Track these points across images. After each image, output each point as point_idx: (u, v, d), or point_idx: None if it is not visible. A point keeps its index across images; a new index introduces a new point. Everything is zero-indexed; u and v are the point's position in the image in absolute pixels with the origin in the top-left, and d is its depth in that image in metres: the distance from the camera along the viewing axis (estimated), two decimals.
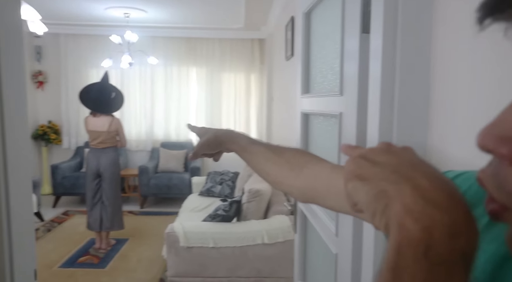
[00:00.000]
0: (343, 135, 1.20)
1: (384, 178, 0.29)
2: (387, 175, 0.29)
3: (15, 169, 0.93)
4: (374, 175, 0.30)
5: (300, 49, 1.79)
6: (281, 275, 2.74)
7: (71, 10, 4.82)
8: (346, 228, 1.16)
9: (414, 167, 0.29)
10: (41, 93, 5.90)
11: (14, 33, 0.99)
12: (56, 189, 5.09)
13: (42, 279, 3.09)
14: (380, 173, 0.30)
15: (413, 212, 0.25)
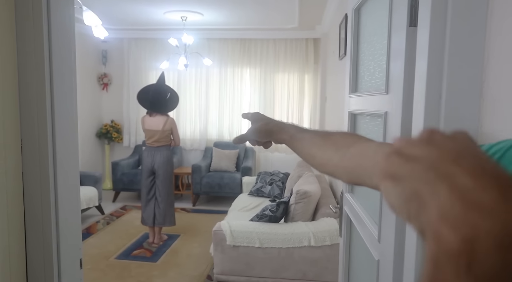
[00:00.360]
0: (388, 136, 1.14)
1: (418, 176, 0.25)
2: (421, 173, 0.25)
3: (63, 164, 0.99)
4: (407, 173, 0.26)
5: (350, 46, 1.74)
6: (327, 279, 2.67)
7: (134, 15, 5.08)
8: (388, 233, 1.10)
9: (458, 160, 0.24)
10: (105, 94, 6.29)
11: (66, 35, 1.05)
12: (116, 185, 5.39)
13: (100, 268, 3.28)
14: (414, 170, 0.26)
15: (451, 218, 0.21)
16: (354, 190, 1.70)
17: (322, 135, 0.71)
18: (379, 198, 1.19)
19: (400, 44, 1.04)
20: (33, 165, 0.93)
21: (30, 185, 0.94)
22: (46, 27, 0.93)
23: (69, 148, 1.03)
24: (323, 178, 4.11)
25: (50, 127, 0.96)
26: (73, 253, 1.04)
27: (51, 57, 0.96)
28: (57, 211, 0.96)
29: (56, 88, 0.98)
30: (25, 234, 0.94)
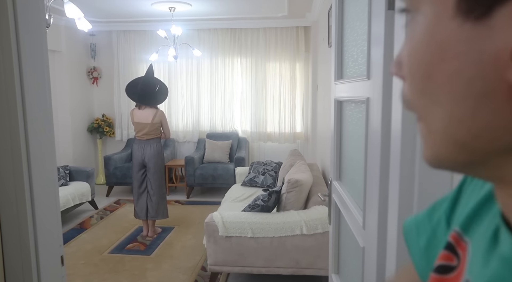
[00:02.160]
0: (370, 122, 1.13)
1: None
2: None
3: (38, 160, 0.96)
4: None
5: (334, 32, 1.71)
6: (319, 266, 2.68)
7: (121, 7, 5.01)
8: (372, 220, 1.09)
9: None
10: (96, 89, 6.22)
11: (36, 25, 1.02)
12: (109, 179, 5.37)
13: (93, 263, 3.28)
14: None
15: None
16: (342, 178, 1.69)
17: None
18: (363, 184, 1.18)
19: (379, 28, 1.02)
20: (6, 163, 0.91)
21: (3, 184, 0.92)
22: (12, 18, 0.90)
23: (44, 144, 1.01)
24: (315, 166, 4.11)
25: (22, 123, 0.93)
26: (52, 251, 1.03)
27: (19, 50, 0.93)
28: (34, 209, 0.95)
29: (26, 81, 0.95)
30: (0, 234, 0.93)
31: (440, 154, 0.27)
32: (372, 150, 1.10)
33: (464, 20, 0.23)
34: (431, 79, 0.26)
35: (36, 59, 0.99)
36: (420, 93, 0.27)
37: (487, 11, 0.22)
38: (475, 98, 0.24)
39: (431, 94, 0.26)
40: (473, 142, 0.25)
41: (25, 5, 0.95)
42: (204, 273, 3.11)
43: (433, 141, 0.28)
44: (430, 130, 0.28)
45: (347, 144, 1.57)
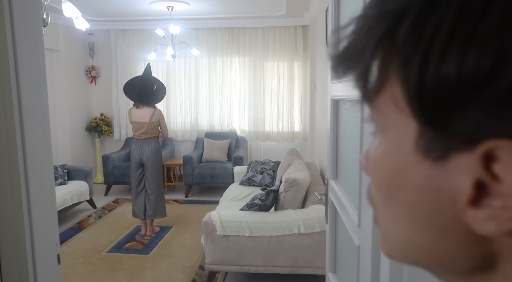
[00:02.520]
0: (365, 123, 1.13)
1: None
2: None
3: (34, 159, 0.97)
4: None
5: (330, 31, 1.72)
6: (317, 265, 2.69)
7: (119, 6, 5.01)
8: (367, 219, 1.10)
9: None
10: (94, 88, 6.22)
11: (32, 23, 1.02)
12: (107, 178, 5.37)
13: (91, 262, 3.28)
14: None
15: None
16: (338, 177, 1.70)
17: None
18: (359, 182, 1.18)
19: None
20: (2, 161, 0.92)
21: (0, 183, 0.92)
22: (8, 17, 0.91)
23: (41, 143, 1.01)
24: (313, 165, 4.12)
25: (19, 123, 0.94)
26: (49, 249, 1.03)
27: (15, 52, 0.94)
28: (30, 207, 0.95)
29: (22, 80, 0.96)
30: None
31: (397, 258, 0.27)
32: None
33: (423, 158, 0.22)
34: (393, 200, 0.25)
35: (32, 58, 1.00)
36: (382, 205, 0.27)
37: (443, 156, 0.21)
38: (435, 231, 0.23)
39: (392, 213, 0.26)
40: (433, 265, 0.25)
41: (21, 3, 0.96)
42: (202, 272, 3.11)
43: (390, 247, 0.27)
44: (388, 241, 0.27)
45: (343, 143, 1.58)
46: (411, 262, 0.27)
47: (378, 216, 0.29)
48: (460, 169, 0.21)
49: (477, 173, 0.20)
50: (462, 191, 0.21)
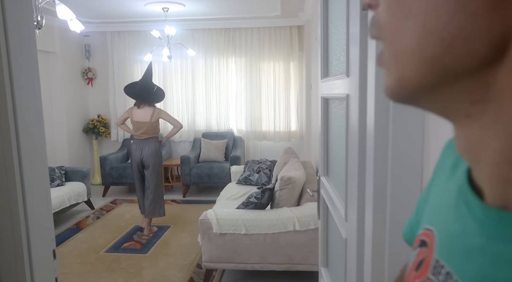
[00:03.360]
0: (350, 119, 1.17)
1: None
2: None
3: (28, 154, 1.00)
4: None
5: (319, 32, 1.76)
6: (312, 262, 2.72)
7: (114, 8, 5.03)
8: (352, 212, 1.13)
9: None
10: (91, 89, 6.25)
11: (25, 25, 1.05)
12: (105, 179, 5.40)
13: (89, 262, 3.31)
14: None
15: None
16: (329, 173, 1.73)
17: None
18: (345, 178, 1.22)
19: (355, 27, 1.06)
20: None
21: None
22: (1, 19, 0.94)
23: (35, 143, 1.04)
24: (309, 164, 4.16)
25: (13, 124, 0.97)
26: (45, 245, 1.06)
27: (9, 54, 0.97)
28: (25, 204, 0.98)
29: (16, 83, 0.99)
30: None
31: (405, 76, 0.27)
32: (351, 146, 1.14)
33: None
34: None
35: (25, 60, 1.03)
36: (394, 8, 0.26)
37: None
38: (452, 3, 0.23)
39: (405, 7, 0.25)
40: (444, 55, 0.24)
41: (14, 6, 0.99)
42: (199, 270, 3.15)
43: (400, 62, 0.27)
44: (398, 51, 0.27)
45: (333, 140, 1.61)
46: (424, 76, 0.26)
47: (386, 39, 0.28)
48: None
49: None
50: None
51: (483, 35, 0.22)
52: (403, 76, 0.26)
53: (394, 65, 0.27)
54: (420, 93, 0.27)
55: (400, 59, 0.26)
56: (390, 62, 0.27)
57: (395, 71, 0.27)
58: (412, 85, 0.26)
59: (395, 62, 0.27)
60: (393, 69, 0.27)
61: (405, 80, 0.26)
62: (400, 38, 0.26)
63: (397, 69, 0.27)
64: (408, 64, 0.26)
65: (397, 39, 0.26)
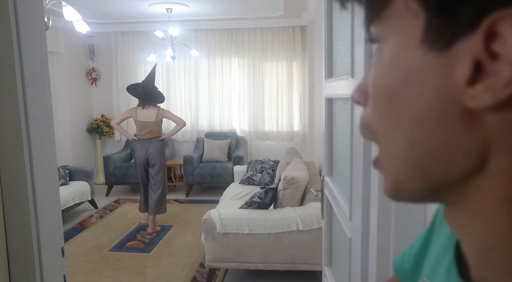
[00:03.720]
0: (354, 119, 1.18)
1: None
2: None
3: (39, 154, 1.02)
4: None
5: (323, 32, 1.77)
6: (315, 261, 2.73)
7: (118, 9, 5.06)
8: (357, 212, 1.14)
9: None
10: (95, 89, 6.28)
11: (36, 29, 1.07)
12: (109, 179, 5.42)
13: (93, 261, 3.33)
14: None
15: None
16: (333, 173, 1.75)
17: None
18: (350, 177, 1.23)
19: (360, 29, 1.07)
20: (9, 162, 0.97)
21: (7, 181, 0.97)
22: (14, 22, 0.96)
23: (45, 144, 1.06)
24: (312, 164, 4.16)
25: (24, 124, 0.99)
26: (54, 243, 1.08)
27: (21, 56, 0.98)
28: (35, 203, 1.00)
29: (28, 86, 1.01)
30: (5, 227, 0.98)
31: (399, 178, 0.29)
32: (356, 146, 1.15)
33: (428, 50, 0.25)
34: (395, 103, 0.28)
35: (36, 62, 1.05)
36: (384, 118, 0.29)
37: (448, 44, 0.24)
38: (434, 120, 0.26)
39: (394, 118, 0.28)
40: (429, 162, 0.27)
41: (26, 9, 1.01)
42: (202, 270, 3.16)
43: (392, 165, 0.29)
44: (390, 155, 0.29)
45: (337, 140, 1.62)
46: (414, 181, 0.28)
47: (379, 142, 0.31)
48: (461, 54, 0.23)
49: (477, 53, 0.23)
50: (462, 74, 0.23)
51: (462, 148, 0.25)
52: (397, 178, 0.29)
53: (388, 168, 0.30)
54: (413, 193, 0.29)
55: (393, 162, 0.29)
56: (385, 165, 0.30)
57: (389, 174, 0.30)
58: (406, 189, 0.29)
59: (389, 165, 0.30)
60: (388, 172, 0.30)
61: (399, 183, 0.29)
62: (391, 144, 0.29)
63: (391, 172, 0.29)
64: (400, 167, 0.28)
65: (389, 144, 0.29)
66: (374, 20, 0.30)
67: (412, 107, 0.27)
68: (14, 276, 0.98)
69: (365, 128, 0.32)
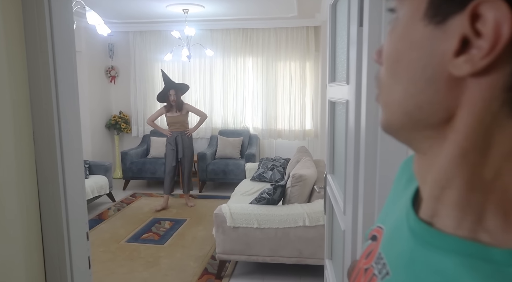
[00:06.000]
0: (349, 123, 1.29)
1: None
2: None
3: (69, 150, 1.17)
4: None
5: (328, 38, 1.88)
6: (321, 256, 2.85)
7: (137, 9, 5.24)
8: (349, 206, 1.26)
9: None
10: (113, 87, 6.49)
11: (67, 34, 1.22)
12: (126, 173, 5.63)
13: (111, 251, 3.52)
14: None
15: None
16: (335, 171, 1.86)
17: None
18: (344, 175, 1.35)
19: (353, 40, 1.19)
20: (44, 153, 1.12)
21: (43, 170, 1.12)
22: (49, 27, 1.10)
23: (73, 136, 1.21)
24: (322, 162, 4.27)
25: (57, 119, 1.14)
26: (80, 227, 1.23)
27: (54, 59, 1.13)
28: (65, 190, 1.15)
29: (60, 84, 1.15)
30: (40, 211, 1.14)
31: (392, 120, 0.36)
32: (349, 147, 1.27)
33: (428, 23, 0.30)
34: (399, 63, 0.34)
35: (67, 62, 1.19)
36: (389, 73, 0.35)
37: (443, 19, 0.29)
38: (425, 81, 0.31)
39: (397, 75, 0.34)
40: (417, 112, 0.33)
41: (58, 12, 1.16)
42: (213, 262, 3.31)
43: (389, 109, 0.36)
44: (389, 102, 0.36)
45: (337, 141, 1.74)
46: (402, 123, 0.35)
47: (383, 90, 0.37)
48: (453, 29, 0.28)
49: (464, 30, 0.27)
50: (451, 46, 0.28)
51: (442, 104, 0.31)
52: (390, 119, 0.37)
53: (386, 110, 0.37)
54: (400, 132, 0.37)
55: (390, 107, 0.36)
56: (384, 106, 0.38)
57: (386, 113, 0.37)
58: (395, 126, 0.36)
59: (386, 108, 0.37)
60: (385, 112, 0.37)
61: (391, 122, 0.37)
62: (391, 93, 0.36)
63: (387, 113, 0.37)
64: (394, 112, 0.36)
65: (389, 93, 0.36)
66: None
67: (410, 69, 0.33)
68: (47, 255, 1.13)
69: (377, 80, 0.39)
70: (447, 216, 0.33)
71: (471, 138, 0.30)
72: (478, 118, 0.29)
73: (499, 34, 0.26)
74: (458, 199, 0.32)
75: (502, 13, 0.25)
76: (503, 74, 0.27)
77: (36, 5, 1.11)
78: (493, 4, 0.26)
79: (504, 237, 0.29)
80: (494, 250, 0.28)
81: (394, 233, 0.41)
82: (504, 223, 0.29)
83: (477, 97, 0.29)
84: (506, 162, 0.29)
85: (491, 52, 0.26)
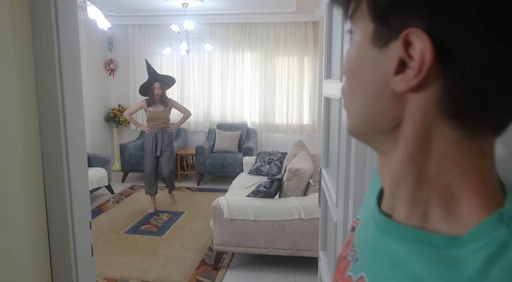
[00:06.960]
0: (342, 120, 1.35)
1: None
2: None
3: (73, 144, 1.22)
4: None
5: (324, 35, 1.92)
6: (316, 248, 2.91)
7: (137, 2, 5.26)
8: (341, 198, 1.32)
9: None
10: (112, 80, 6.52)
11: (72, 30, 1.26)
12: (124, 166, 5.68)
13: (110, 242, 3.58)
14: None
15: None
16: (329, 165, 1.92)
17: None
18: (337, 168, 1.41)
19: (347, 38, 1.24)
20: (49, 145, 1.17)
21: (48, 161, 1.18)
22: (54, 23, 1.15)
23: (77, 128, 1.26)
24: (318, 157, 4.33)
25: (62, 112, 1.19)
26: (83, 216, 1.29)
27: (60, 53, 1.18)
28: (70, 181, 1.20)
29: (65, 77, 1.20)
30: (45, 201, 1.19)
31: (354, 126, 0.41)
32: (342, 142, 1.32)
33: (374, 46, 0.35)
34: (354, 79, 0.39)
35: (72, 59, 1.24)
36: (349, 87, 0.41)
37: (385, 44, 0.34)
38: (374, 94, 0.37)
39: (354, 88, 0.39)
40: (371, 120, 0.38)
41: (63, 8, 1.20)
42: (210, 253, 3.38)
43: (351, 118, 0.41)
44: (351, 111, 0.41)
45: (331, 136, 1.79)
46: (361, 128, 0.40)
47: (346, 100, 0.43)
48: (392, 52, 0.33)
49: (400, 53, 0.33)
50: (392, 67, 0.34)
51: (390, 113, 0.36)
52: (353, 125, 0.42)
53: (349, 117, 0.42)
54: (362, 136, 0.42)
55: (352, 115, 0.41)
56: (348, 114, 0.43)
57: (349, 120, 0.42)
58: (357, 131, 0.42)
59: (350, 116, 0.42)
60: (349, 119, 0.43)
61: (354, 128, 0.42)
62: (352, 104, 0.41)
63: (350, 120, 0.42)
64: (355, 119, 0.41)
65: (350, 103, 0.41)
66: (349, 19, 0.40)
67: (362, 84, 0.38)
68: (52, 243, 1.19)
69: (342, 91, 0.44)
70: (401, 209, 0.38)
71: (415, 142, 0.35)
72: (418, 125, 0.35)
73: (424, 59, 0.31)
74: (409, 194, 0.37)
75: (424, 43, 0.31)
76: (433, 90, 0.33)
77: (43, 0, 1.15)
78: (418, 34, 0.31)
79: (444, 225, 0.34)
80: (435, 236, 0.34)
81: (364, 224, 0.46)
82: (445, 214, 0.35)
83: (416, 108, 0.34)
84: (445, 162, 0.35)
85: (419, 72, 0.32)
